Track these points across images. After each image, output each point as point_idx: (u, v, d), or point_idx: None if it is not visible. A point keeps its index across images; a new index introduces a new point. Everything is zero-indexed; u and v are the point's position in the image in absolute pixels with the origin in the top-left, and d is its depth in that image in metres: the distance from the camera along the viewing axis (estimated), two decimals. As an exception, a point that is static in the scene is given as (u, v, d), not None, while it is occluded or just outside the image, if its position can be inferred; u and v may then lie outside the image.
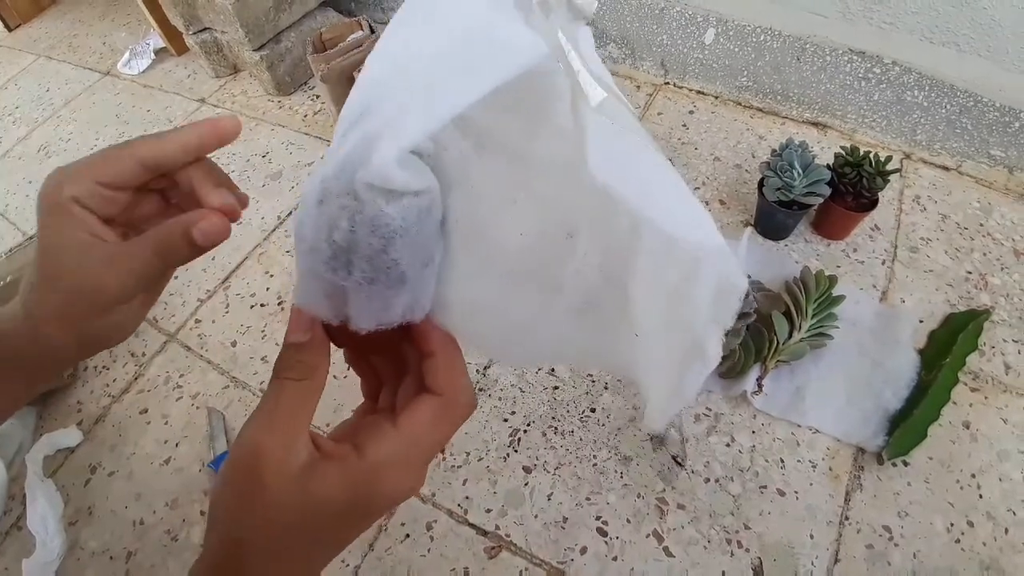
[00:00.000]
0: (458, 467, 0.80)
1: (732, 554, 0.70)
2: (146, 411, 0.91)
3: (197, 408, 0.90)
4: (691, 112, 1.21)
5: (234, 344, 0.96)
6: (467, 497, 0.77)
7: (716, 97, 1.23)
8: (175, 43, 1.58)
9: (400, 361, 0.31)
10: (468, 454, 0.80)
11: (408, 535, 0.75)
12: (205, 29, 1.42)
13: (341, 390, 0.87)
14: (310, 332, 0.27)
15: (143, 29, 1.72)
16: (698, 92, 1.24)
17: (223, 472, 0.26)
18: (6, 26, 1.92)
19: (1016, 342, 0.84)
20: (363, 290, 0.25)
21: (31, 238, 1.00)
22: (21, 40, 1.87)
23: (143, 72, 1.58)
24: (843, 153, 0.89)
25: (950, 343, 0.81)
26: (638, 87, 1.27)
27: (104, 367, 0.97)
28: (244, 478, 0.26)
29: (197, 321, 1.01)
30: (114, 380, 0.95)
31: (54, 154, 1.40)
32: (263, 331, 0.97)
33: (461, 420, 0.29)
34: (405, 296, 0.26)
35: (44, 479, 0.84)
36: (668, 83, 1.27)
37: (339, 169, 0.22)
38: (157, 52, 1.60)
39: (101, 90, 1.57)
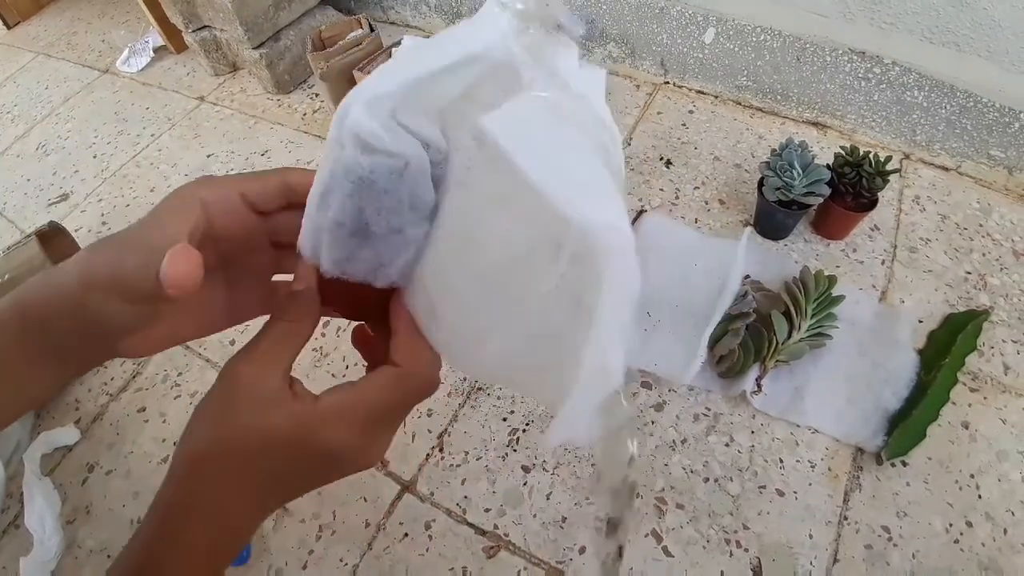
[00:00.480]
0: (457, 466, 0.79)
1: (731, 554, 0.70)
2: (144, 409, 0.91)
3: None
4: (691, 112, 1.21)
5: (233, 343, 0.96)
6: (466, 496, 0.77)
7: (716, 97, 1.23)
8: (174, 41, 1.58)
9: None
10: (467, 453, 0.80)
11: (407, 534, 0.75)
12: (204, 27, 1.41)
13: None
14: (305, 284, 0.30)
15: (142, 27, 1.72)
16: (698, 92, 1.24)
17: (208, 393, 0.29)
18: (5, 24, 1.92)
19: (1015, 342, 0.84)
20: (332, 232, 0.28)
21: (29, 236, 1.00)
22: (20, 38, 1.87)
23: (142, 70, 1.58)
24: (843, 153, 0.89)
25: (949, 343, 0.81)
26: (638, 86, 1.27)
27: (102, 365, 0.96)
28: (219, 394, 0.28)
29: (195, 319, 1.00)
30: (112, 379, 0.95)
31: (52, 152, 1.40)
32: (262, 329, 0.97)
33: (417, 393, 0.31)
34: (367, 252, 0.28)
35: (42, 477, 0.83)
36: (668, 82, 1.27)
37: (336, 122, 0.26)
38: (156, 50, 1.60)
39: (100, 88, 1.57)
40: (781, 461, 0.76)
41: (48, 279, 0.30)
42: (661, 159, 1.12)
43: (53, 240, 1.03)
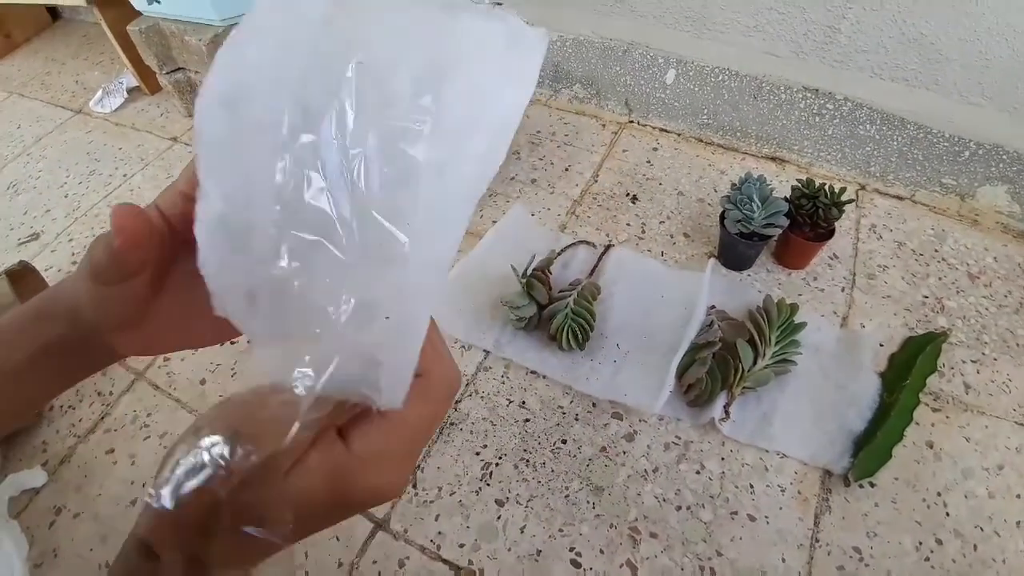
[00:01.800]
0: (430, 502, 0.79)
1: (705, 581, 0.71)
2: (113, 451, 0.89)
3: (165, 448, 0.88)
4: (655, 149, 1.25)
5: (203, 382, 0.95)
6: (440, 532, 0.76)
7: (678, 134, 1.27)
8: (148, 82, 1.59)
9: None
10: (440, 488, 0.80)
11: (380, 573, 0.74)
12: (179, 69, 1.43)
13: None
14: None
15: (116, 68, 1.73)
16: (661, 130, 1.29)
17: None
18: (-23, 65, 1.92)
19: (975, 362, 0.86)
20: None
21: (0, 275, 0.99)
22: (-8, 77, 1.87)
23: (115, 110, 1.58)
24: (799, 185, 0.93)
25: (910, 365, 0.84)
26: (604, 125, 1.31)
27: (70, 406, 0.95)
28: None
29: (166, 359, 1.00)
30: (80, 420, 0.93)
31: (23, 191, 1.39)
32: (233, 368, 0.96)
33: (449, 398, 0.28)
34: None
35: (9, 520, 0.81)
36: (632, 121, 1.31)
37: None
38: (130, 91, 1.61)
39: (72, 128, 1.57)
40: (751, 486, 0.77)
41: (54, 287, 0.33)
42: (627, 195, 1.15)
43: (23, 279, 1.02)
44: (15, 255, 1.22)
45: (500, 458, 0.82)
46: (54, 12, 2.12)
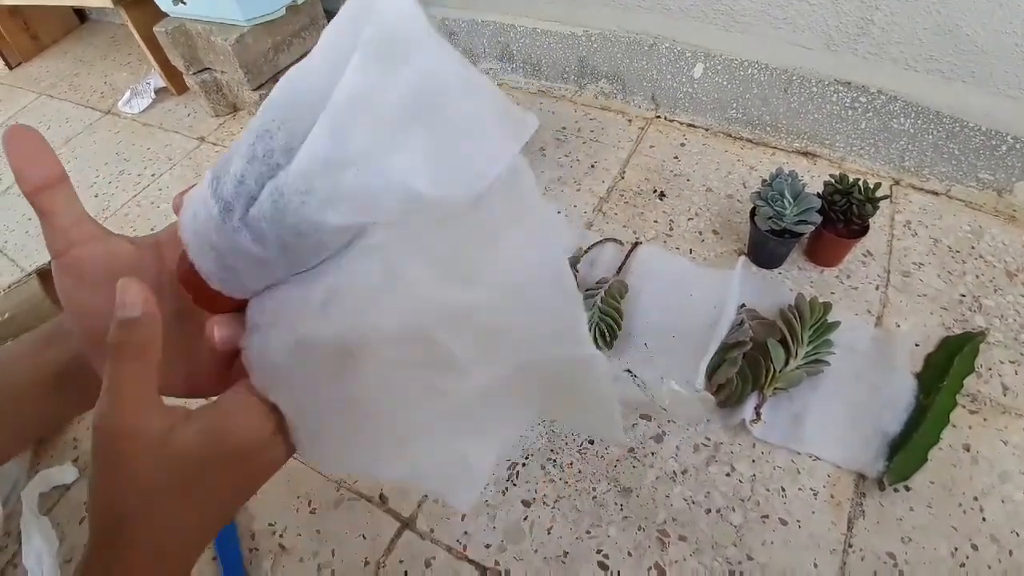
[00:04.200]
0: (457, 501, 0.79)
1: (735, 586, 0.70)
2: (143, 448, 0.90)
3: (194, 445, 0.89)
4: (682, 144, 1.23)
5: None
6: (466, 532, 0.76)
7: (706, 129, 1.25)
8: (175, 83, 1.61)
9: None
10: (467, 487, 0.80)
11: (406, 572, 0.74)
12: (205, 69, 1.44)
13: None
14: (139, 307, 0.26)
15: (144, 69, 1.76)
16: (689, 125, 1.27)
17: (92, 462, 0.28)
18: (7, 64, 1.96)
19: (1013, 363, 0.84)
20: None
21: (29, 274, 1.01)
22: (21, 78, 1.90)
23: (144, 111, 1.61)
24: (832, 181, 0.91)
25: (947, 366, 0.81)
26: (630, 121, 1.30)
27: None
28: (107, 460, 0.28)
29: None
30: (111, 418, 0.95)
31: (54, 192, 1.42)
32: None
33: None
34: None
35: (40, 516, 0.83)
36: (659, 116, 1.30)
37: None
38: (158, 91, 1.63)
39: (101, 128, 1.59)
40: (783, 489, 0.76)
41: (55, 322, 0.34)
42: (655, 191, 1.14)
43: (53, 278, 1.03)
44: (45, 254, 1.24)
45: (527, 458, 0.82)
46: (81, 14, 2.16)
